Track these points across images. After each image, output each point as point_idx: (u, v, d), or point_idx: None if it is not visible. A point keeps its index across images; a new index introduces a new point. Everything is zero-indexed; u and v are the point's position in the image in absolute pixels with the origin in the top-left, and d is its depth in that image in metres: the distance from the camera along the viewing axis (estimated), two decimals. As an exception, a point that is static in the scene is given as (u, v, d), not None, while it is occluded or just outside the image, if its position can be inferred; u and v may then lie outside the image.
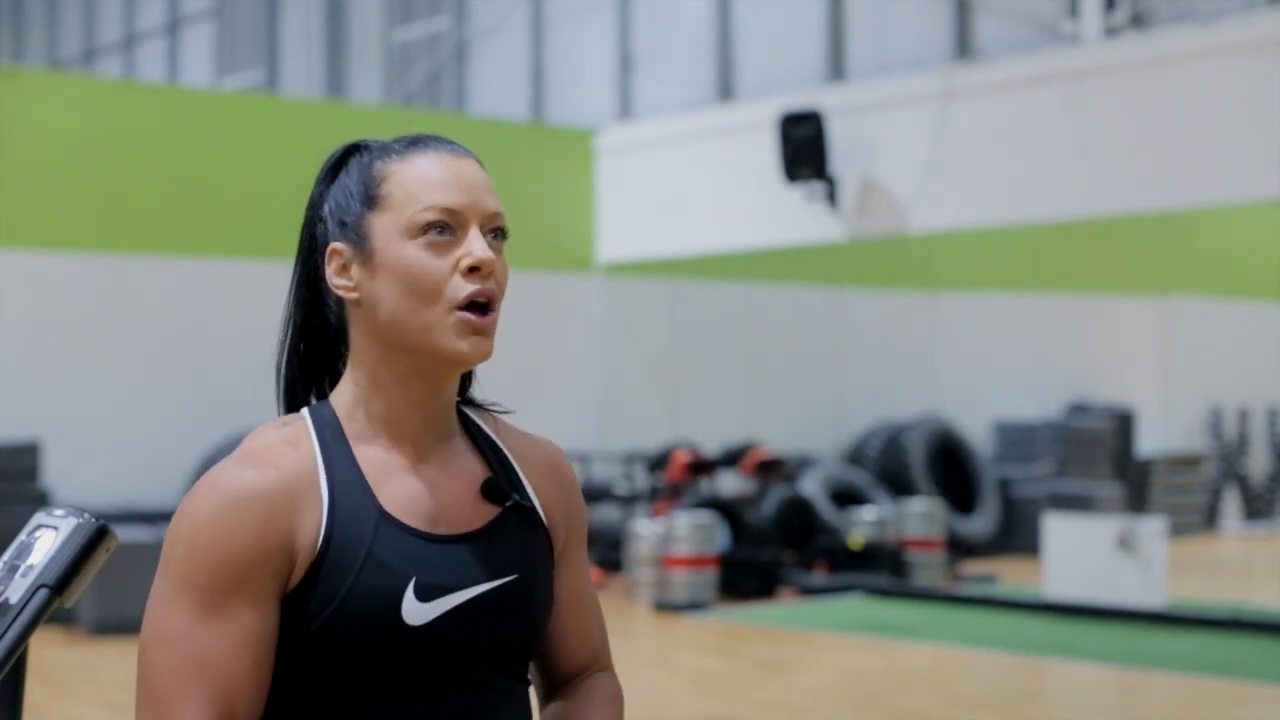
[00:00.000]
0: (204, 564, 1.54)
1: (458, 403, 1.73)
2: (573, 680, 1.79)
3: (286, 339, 1.72)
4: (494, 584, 1.63)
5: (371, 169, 1.66)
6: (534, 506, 1.71)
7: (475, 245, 1.61)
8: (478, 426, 1.74)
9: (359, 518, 1.59)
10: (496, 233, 1.64)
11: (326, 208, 1.68)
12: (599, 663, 1.81)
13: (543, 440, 1.80)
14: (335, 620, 1.55)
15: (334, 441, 1.63)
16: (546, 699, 1.80)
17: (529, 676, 1.72)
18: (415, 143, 1.67)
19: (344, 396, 1.66)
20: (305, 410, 1.67)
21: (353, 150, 1.71)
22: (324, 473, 1.60)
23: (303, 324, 1.71)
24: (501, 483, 1.68)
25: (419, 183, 1.62)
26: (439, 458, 1.66)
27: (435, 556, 1.60)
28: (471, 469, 1.68)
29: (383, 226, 1.62)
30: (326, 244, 1.66)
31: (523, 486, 1.71)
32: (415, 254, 1.60)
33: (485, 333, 1.61)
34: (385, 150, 1.67)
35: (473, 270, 1.60)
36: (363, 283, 1.63)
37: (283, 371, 1.73)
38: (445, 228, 1.61)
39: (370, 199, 1.64)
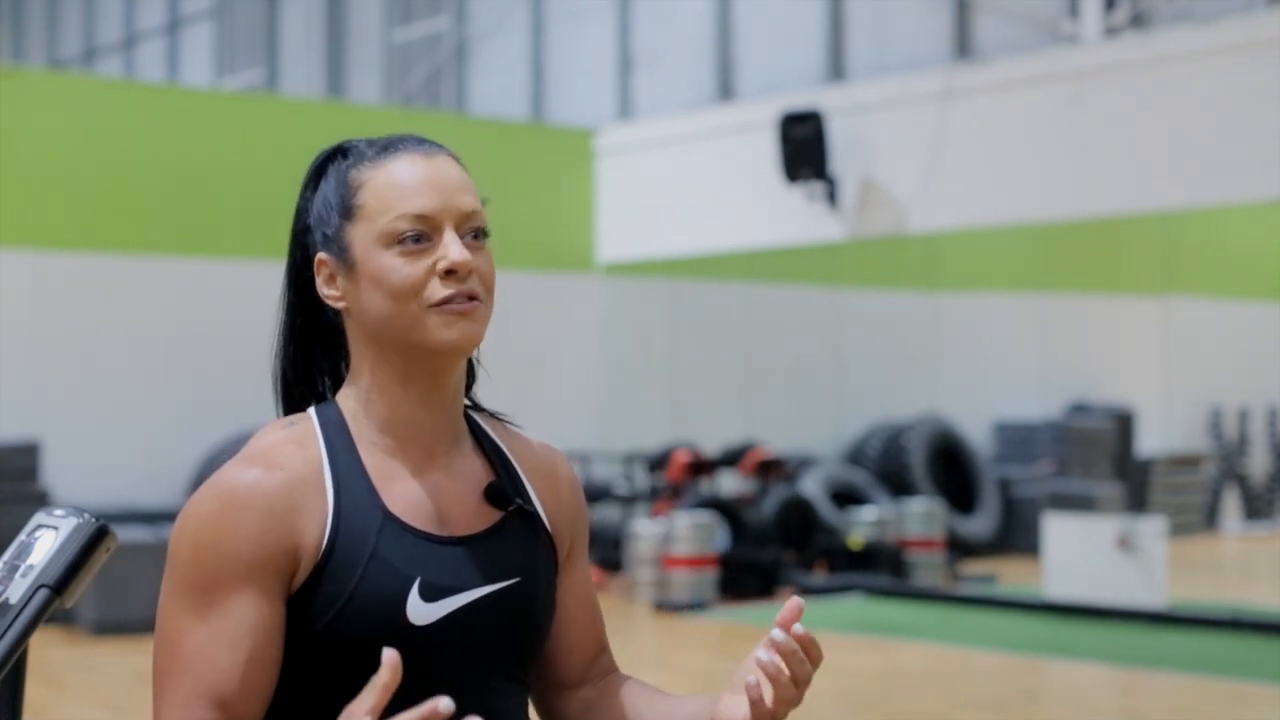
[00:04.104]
0: (206, 564, 1.54)
1: (466, 407, 1.73)
2: (584, 681, 1.79)
3: (281, 344, 1.72)
4: (497, 586, 1.63)
5: (347, 177, 1.65)
6: (536, 511, 1.71)
7: (451, 248, 1.59)
8: (483, 431, 1.74)
9: (364, 518, 1.59)
10: (476, 233, 1.63)
11: (312, 218, 1.68)
12: (608, 664, 1.82)
13: (545, 445, 1.80)
14: (340, 620, 1.55)
15: (340, 442, 1.63)
16: (549, 702, 1.79)
17: (528, 681, 1.72)
18: (388, 147, 1.66)
19: (349, 398, 1.67)
20: (311, 410, 1.67)
21: (333, 155, 1.70)
22: (329, 473, 1.60)
23: (298, 329, 1.71)
24: (505, 487, 1.68)
25: (391, 190, 1.61)
26: (445, 460, 1.66)
27: (439, 557, 1.61)
28: (476, 472, 1.68)
29: (360, 236, 1.62)
30: (316, 254, 1.67)
31: (526, 491, 1.71)
32: (391, 262, 1.59)
33: (469, 316, 1.60)
34: (360, 156, 1.66)
35: (449, 273, 1.59)
36: (349, 292, 1.63)
37: (278, 375, 1.73)
38: (420, 235, 1.60)
39: (347, 210, 1.63)
